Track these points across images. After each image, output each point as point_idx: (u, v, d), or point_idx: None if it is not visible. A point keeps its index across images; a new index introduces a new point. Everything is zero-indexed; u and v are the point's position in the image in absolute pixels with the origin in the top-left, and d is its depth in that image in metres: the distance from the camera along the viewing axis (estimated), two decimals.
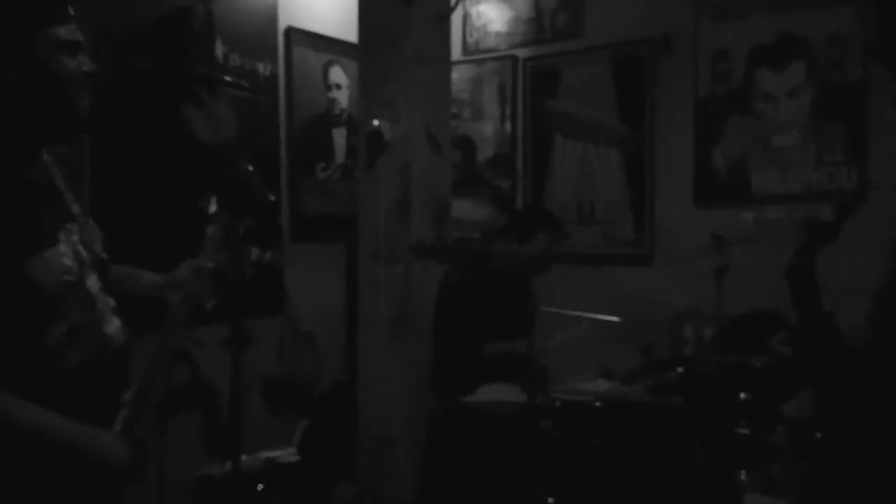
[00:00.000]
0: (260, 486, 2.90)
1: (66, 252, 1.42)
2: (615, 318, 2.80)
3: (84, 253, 1.48)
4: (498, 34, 4.09)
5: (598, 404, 2.50)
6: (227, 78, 1.94)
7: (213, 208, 1.63)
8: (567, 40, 3.85)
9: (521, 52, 4.00)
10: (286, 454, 3.18)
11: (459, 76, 4.05)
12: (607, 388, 2.65)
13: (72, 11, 1.46)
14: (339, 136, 3.95)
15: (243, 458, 2.80)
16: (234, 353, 1.76)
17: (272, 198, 1.62)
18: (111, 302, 1.54)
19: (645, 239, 3.63)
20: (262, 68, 3.53)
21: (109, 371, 1.50)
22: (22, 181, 1.42)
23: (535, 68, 3.96)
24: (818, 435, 1.88)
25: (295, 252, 3.64)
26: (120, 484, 1.43)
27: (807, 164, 3.23)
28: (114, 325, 1.53)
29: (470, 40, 4.18)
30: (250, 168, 1.55)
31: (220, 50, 3.31)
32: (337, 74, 3.91)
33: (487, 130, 4.13)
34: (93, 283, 1.49)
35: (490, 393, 2.67)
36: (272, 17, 3.58)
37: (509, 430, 2.45)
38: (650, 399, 2.54)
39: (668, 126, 3.57)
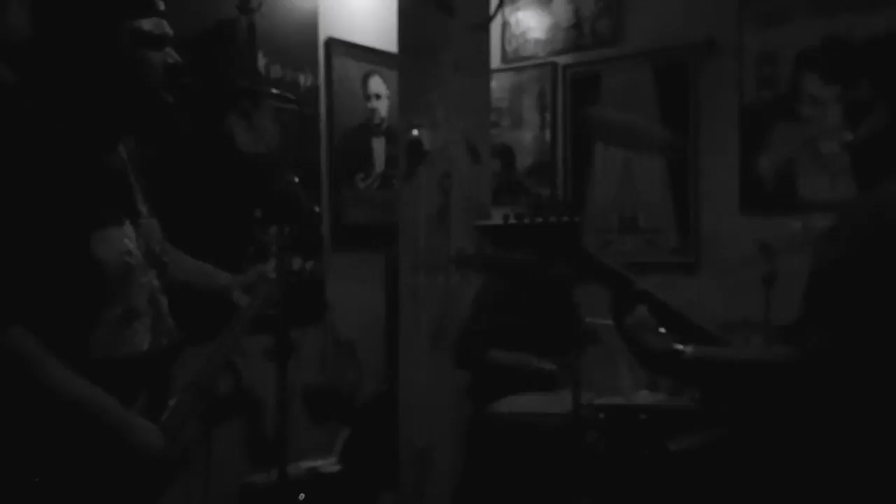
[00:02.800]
0: (301, 496, 2.91)
1: (129, 236, 1.44)
2: (660, 329, 2.74)
3: (145, 249, 1.49)
4: (537, 41, 4.07)
5: (643, 416, 2.45)
6: (275, 91, 1.95)
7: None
8: (607, 46, 3.81)
9: (561, 59, 3.98)
10: (328, 463, 3.19)
11: (499, 84, 4.03)
12: (653, 400, 2.60)
13: (161, 6, 1.48)
14: (379, 145, 3.96)
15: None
16: (280, 362, 1.77)
17: (317, 209, 1.64)
18: (166, 302, 1.55)
19: (690, 247, 3.57)
20: (303, 79, 3.56)
21: (158, 368, 1.50)
22: (96, 163, 1.44)
23: (575, 75, 3.93)
24: None
25: (336, 261, 3.65)
26: (152, 476, 1.42)
27: None
28: (167, 324, 1.54)
29: (509, 48, 4.16)
30: (296, 180, 1.57)
31: (262, 62, 3.34)
32: (377, 84, 3.93)
33: (527, 138, 4.11)
34: (153, 277, 1.51)
35: (530, 404, 2.64)
36: (313, 28, 3.61)
37: (554, 443, 2.42)
38: (697, 411, 2.49)
39: (713, 132, 3.51)
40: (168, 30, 1.48)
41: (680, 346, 1.34)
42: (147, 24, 1.44)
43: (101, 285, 1.38)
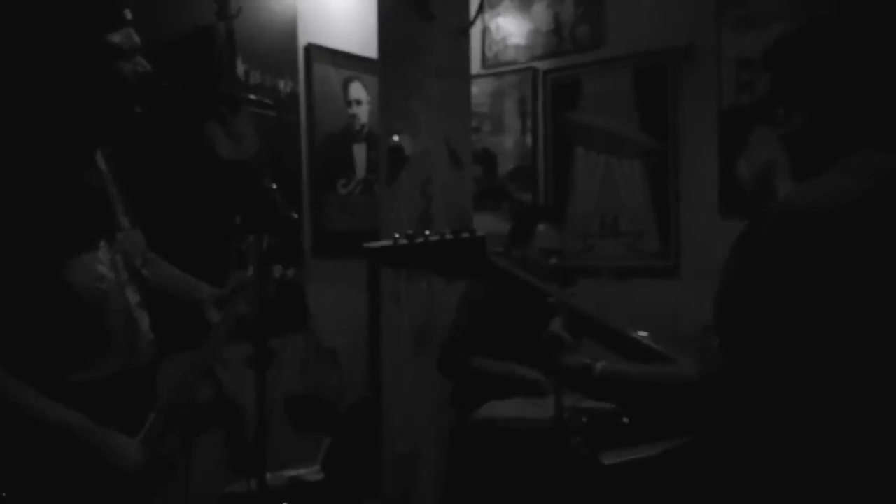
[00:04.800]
0: None
1: (103, 260, 1.42)
2: (643, 333, 2.75)
3: (123, 265, 1.47)
4: (517, 47, 4.08)
5: (625, 420, 2.45)
6: (253, 96, 1.94)
7: (265, 245, 1.64)
8: (588, 51, 3.83)
9: (541, 65, 3.99)
10: (311, 472, 3.16)
11: (479, 89, 4.04)
12: None
13: (128, 15, 1.47)
14: (360, 151, 3.95)
15: (267, 476, 2.79)
16: (259, 370, 1.75)
17: (295, 216, 1.64)
18: (146, 317, 1.53)
19: (670, 251, 3.59)
20: (283, 85, 3.55)
21: (138, 384, 1.49)
22: (71, 182, 1.42)
23: (555, 80, 3.94)
24: None
25: (317, 268, 3.64)
26: (133, 491, 1.41)
27: None
28: (146, 340, 1.53)
29: (489, 53, 4.17)
30: (274, 186, 1.56)
31: (241, 68, 3.33)
32: (357, 90, 3.92)
33: (508, 143, 4.12)
34: (130, 295, 1.49)
35: (512, 409, 2.64)
36: (292, 34, 3.60)
37: (537, 448, 2.42)
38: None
39: (692, 136, 3.53)
40: (136, 39, 1.47)
41: (589, 362, 1.30)
42: (116, 38, 1.42)
43: (74, 314, 1.37)
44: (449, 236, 1.30)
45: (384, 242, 1.34)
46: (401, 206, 3.06)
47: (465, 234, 1.30)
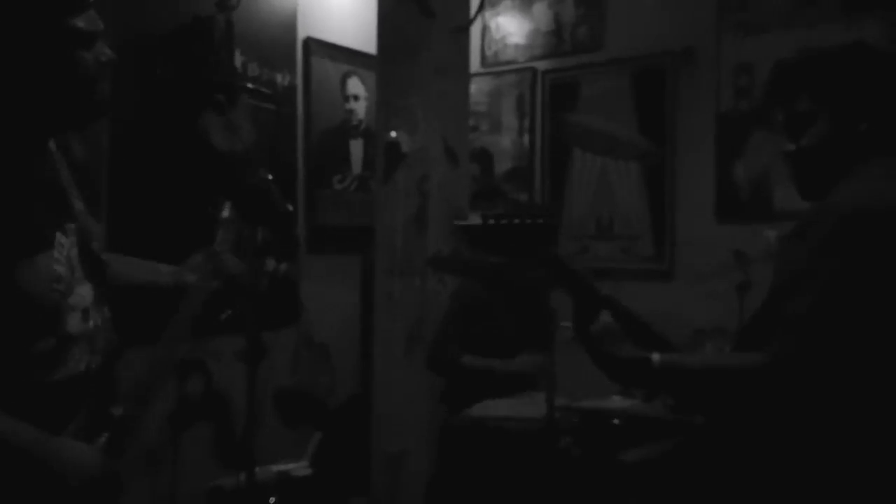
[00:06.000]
0: (272, 500, 2.87)
1: (59, 258, 1.34)
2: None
3: (77, 259, 1.39)
4: (517, 46, 4.07)
5: (616, 421, 2.45)
6: (250, 85, 1.91)
7: (225, 213, 1.58)
8: (587, 53, 3.82)
9: (541, 65, 3.98)
10: (299, 467, 3.15)
11: (478, 88, 4.03)
12: (626, 406, 2.60)
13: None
14: (357, 147, 3.94)
15: (256, 470, 2.77)
16: (251, 365, 1.74)
17: (290, 208, 1.60)
18: (106, 312, 1.46)
19: (665, 254, 3.58)
20: (281, 78, 3.53)
21: (98, 383, 1.42)
22: (22, 177, 1.33)
23: (554, 81, 3.93)
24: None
25: (311, 263, 3.62)
26: (89, 495, 1.33)
27: None
28: (106, 337, 1.45)
29: (489, 52, 4.16)
30: (269, 177, 1.53)
31: (239, 60, 3.31)
32: (355, 85, 3.91)
33: (505, 143, 4.11)
34: (86, 291, 1.41)
35: (504, 408, 2.63)
36: (291, 27, 3.58)
37: (528, 448, 2.41)
38: (670, 416, 2.49)
39: (690, 140, 3.53)
40: (100, 25, 1.38)
41: (646, 354, 1.32)
42: (80, 22, 1.34)
43: (30, 319, 1.29)
44: (529, 221, 1.38)
45: (474, 220, 1.41)
46: (396, 204, 3.04)
47: (542, 221, 1.38)
